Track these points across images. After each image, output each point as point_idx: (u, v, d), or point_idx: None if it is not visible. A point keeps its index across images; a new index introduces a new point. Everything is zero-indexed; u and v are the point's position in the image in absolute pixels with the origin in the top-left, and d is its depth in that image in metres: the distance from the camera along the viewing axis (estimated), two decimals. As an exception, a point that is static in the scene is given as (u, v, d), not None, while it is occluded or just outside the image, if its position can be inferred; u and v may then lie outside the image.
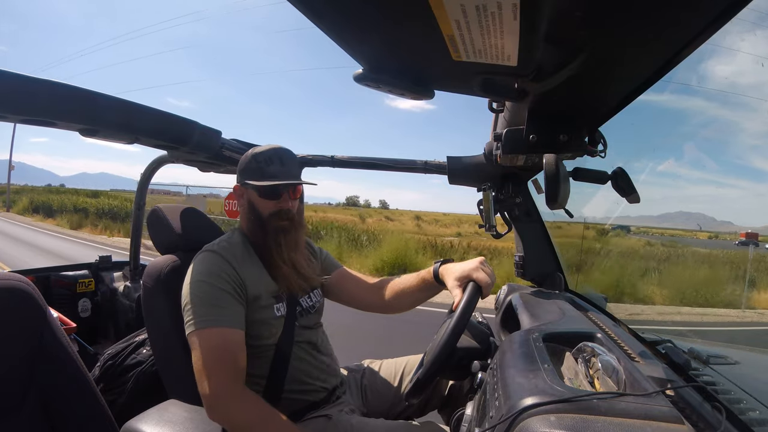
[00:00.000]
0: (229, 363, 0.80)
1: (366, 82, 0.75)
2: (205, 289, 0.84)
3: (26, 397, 0.76)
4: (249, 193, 0.97)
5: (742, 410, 0.63)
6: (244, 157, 0.99)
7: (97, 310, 1.94)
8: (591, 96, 0.76)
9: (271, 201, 0.95)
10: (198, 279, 0.86)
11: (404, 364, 1.15)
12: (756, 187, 14.85)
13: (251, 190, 0.96)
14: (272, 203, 0.95)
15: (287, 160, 0.97)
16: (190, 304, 0.83)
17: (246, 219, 0.99)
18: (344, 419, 0.92)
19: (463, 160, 1.31)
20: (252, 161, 0.96)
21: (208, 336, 0.81)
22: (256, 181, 0.94)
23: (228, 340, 0.82)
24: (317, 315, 1.05)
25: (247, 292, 0.89)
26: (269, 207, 0.96)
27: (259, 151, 0.97)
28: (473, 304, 0.82)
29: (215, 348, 0.80)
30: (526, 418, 0.46)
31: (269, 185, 0.93)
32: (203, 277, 0.86)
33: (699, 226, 9.86)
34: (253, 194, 0.96)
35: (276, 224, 0.96)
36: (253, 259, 0.96)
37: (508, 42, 0.52)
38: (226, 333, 0.82)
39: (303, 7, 0.54)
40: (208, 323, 0.81)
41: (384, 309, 1.09)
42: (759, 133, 4.86)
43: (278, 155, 0.96)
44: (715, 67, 0.79)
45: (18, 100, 0.72)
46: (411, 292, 1.02)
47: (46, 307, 0.81)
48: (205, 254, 0.91)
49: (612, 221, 1.51)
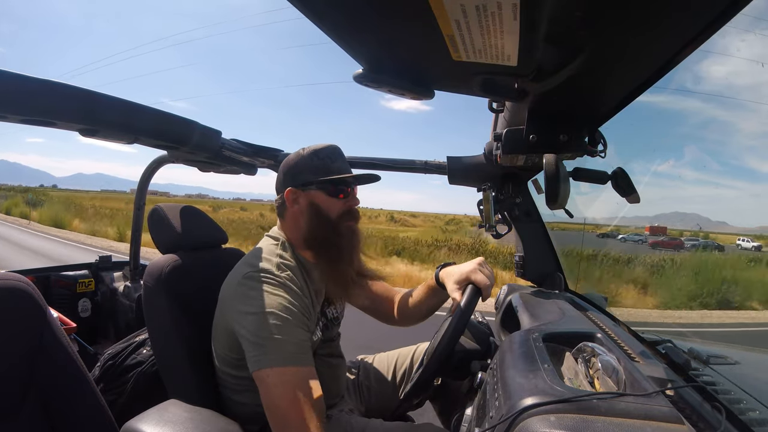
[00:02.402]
0: (316, 405, 0.74)
1: (366, 82, 0.75)
2: (284, 326, 0.76)
3: (26, 397, 0.76)
4: (311, 195, 0.89)
5: (742, 410, 0.63)
6: (298, 157, 0.90)
7: (97, 310, 1.94)
8: (591, 96, 0.76)
9: (341, 200, 0.89)
10: (273, 312, 0.77)
11: (396, 357, 1.16)
12: (751, 188, 14.84)
13: (316, 191, 0.88)
14: (341, 202, 0.89)
15: (342, 156, 0.92)
16: (264, 337, 0.75)
17: (304, 225, 0.89)
18: (344, 419, 0.92)
19: (463, 160, 1.31)
20: (313, 158, 0.88)
21: (293, 373, 0.74)
22: (323, 177, 0.87)
23: (314, 380, 0.76)
24: (338, 325, 1.03)
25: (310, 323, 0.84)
26: (339, 206, 0.89)
27: (317, 149, 0.89)
28: (472, 307, 0.82)
29: (300, 387, 0.74)
30: (526, 418, 0.46)
31: (344, 178, 0.86)
32: (280, 311, 0.77)
33: (699, 226, 9.90)
34: (318, 195, 0.88)
35: (348, 224, 0.90)
36: (305, 279, 0.88)
37: (508, 42, 0.52)
38: (312, 372, 0.77)
39: (303, 7, 0.54)
40: (293, 361, 0.75)
41: (402, 322, 1.07)
42: (754, 133, 4.88)
43: (337, 151, 0.90)
44: (711, 68, 0.79)
45: (18, 100, 0.72)
46: (422, 300, 1.02)
47: (46, 307, 0.81)
48: (274, 285, 0.80)
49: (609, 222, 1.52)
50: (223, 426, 0.80)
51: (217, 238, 1.16)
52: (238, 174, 1.52)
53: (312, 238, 0.89)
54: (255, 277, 0.81)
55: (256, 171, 1.53)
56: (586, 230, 1.93)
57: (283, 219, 0.93)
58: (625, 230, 9.96)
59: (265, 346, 0.75)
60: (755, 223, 7.81)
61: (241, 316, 0.78)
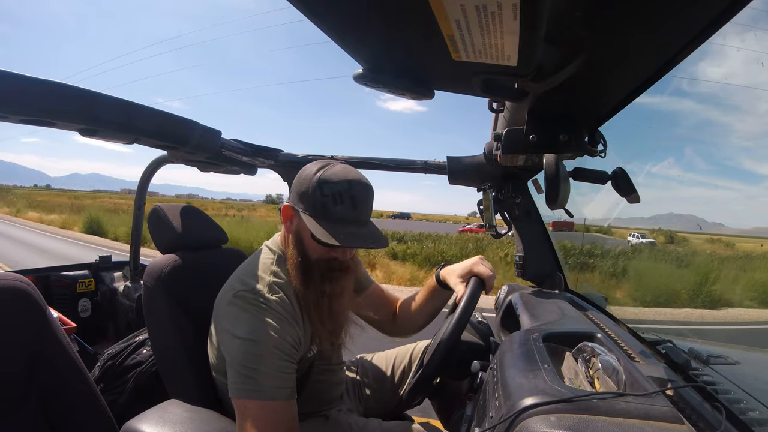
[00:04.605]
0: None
1: (366, 82, 0.75)
2: (268, 357, 0.73)
3: (26, 397, 0.76)
4: (300, 223, 0.79)
5: (742, 410, 0.63)
6: (307, 178, 0.77)
7: (97, 310, 1.94)
8: (591, 96, 0.76)
9: (323, 248, 0.79)
10: (259, 342, 0.73)
11: (395, 356, 1.16)
12: (748, 189, 14.83)
13: (304, 223, 0.77)
14: (324, 250, 0.79)
15: (360, 201, 0.77)
16: (247, 367, 0.72)
17: (291, 246, 0.82)
18: (343, 419, 0.92)
19: (463, 160, 1.31)
20: (316, 191, 0.75)
21: (274, 409, 0.72)
22: (315, 218, 0.75)
23: (293, 414, 0.75)
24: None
25: (300, 350, 0.81)
26: (319, 251, 0.79)
27: (329, 180, 0.75)
28: (476, 297, 0.84)
29: (277, 423, 0.72)
30: (526, 418, 0.46)
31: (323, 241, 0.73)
32: (268, 341, 0.73)
33: (699, 226, 9.82)
34: (305, 228, 0.78)
35: (324, 271, 0.81)
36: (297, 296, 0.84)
37: (508, 42, 0.52)
38: (292, 407, 0.75)
39: (303, 8, 0.54)
40: (274, 396, 0.72)
41: (403, 331, 1.07)
42: (750, 135, 4.91)
43: (351, 194, 0.75)
44: (709, 68, 0.79)
45: (18, 100, 0.72)
46: (423, 303, 1.02)
47: (46, 307, 0.81)
48: (263, 310, 0.75)
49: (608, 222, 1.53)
50: (223, 426, 0.80)
51: (217, 238, 1.16)
52: (238, 174, 1.52)
53: (293, 264, 0.81)
54: (246, 298, 0.76)
55: (256, 171, 1.53)
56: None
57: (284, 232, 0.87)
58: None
59: (247, 377, 0.72)
60: (752, 224, 7.81)
61: (228, 337, 0.75)
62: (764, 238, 5.26)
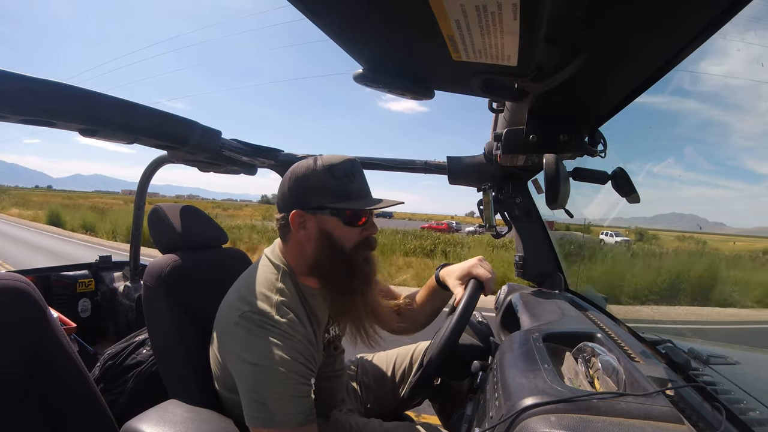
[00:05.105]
0: None
1: (366, 82, 0.75)
2: (281, 383, 0.70)
3: (26, 397, 0.76)
4: (323, 221, 0.77)
5: (742, 410, 0.63)
6: (309, 171, 0.76)
7: (97, 310, 1.94)
8: (591, 96, 0.76)
9: (357, 228, 0.78)
10: (274, 369, 0.70)
11: (395, 356, 1.16)
12: (749, 189, 14.74)
13: (330, 217, 0.75)
14: (357, 231, 0.78)
15: (362, 174, 0.80)
16: (259, 393, 0.70)
17: (311, 254, 0.79)
18: (343, 419, 0.92)
19: (463, 160, 1.31)
20: (327, 176, 0.74)
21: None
22: (341, 202, 0.74)
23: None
24: (341, 340, 1.00)
25: (315, 368, 0.79)
26: (355, 236, 0.78)
27: (333, 164, 0.76)
28: (475, 300, 0.84)
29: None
30: (526, 418, 0.46)
31: (363, 210, 0.74)
32: (281, 366, 0.70)
33: (699, 226, 9.89)
34: (331, 221, 0.76)
35: (363, 256, 0.80)
36: (306, 310, 0.80)
37: (508, 42, 0.52)
38: (310, 431, 0.73)
39: (303, 7, 0.54)
40: (289, 423, 0.70)
41: (404, 329, 1.05)
42: (752, 134, 4.86)
43: (356, 168, 0.77)
44: (710, 68, 0.79)
45: (18, 100, 0.72)
46: (423, 303, 1.02)
47: (46, 307, 0.81)
48: (273, 333, 0.72)
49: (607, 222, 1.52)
50: (223, 426, 0.79)
51: (217, 238, 1.16)
52: (239, 174, 1.52)
53: (320, 268, 0.79)
54: (254, 321, 0.73)
55: (256, 171, 1.53)
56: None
57: (286, 242, 0.82)
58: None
59: (264, 405, 0.69)
60: (753, 224, 7.78)
61: (240, 362, 0.72)
62: (764, 238, 5.26)
